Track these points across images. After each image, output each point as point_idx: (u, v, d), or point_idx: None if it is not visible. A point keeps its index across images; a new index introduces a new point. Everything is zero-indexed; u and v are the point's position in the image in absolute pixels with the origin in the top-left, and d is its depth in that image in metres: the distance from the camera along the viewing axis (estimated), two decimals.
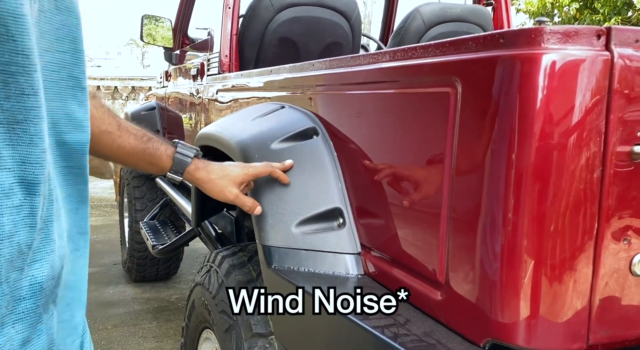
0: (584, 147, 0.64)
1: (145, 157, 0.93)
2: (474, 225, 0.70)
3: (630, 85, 0.64)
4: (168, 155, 0.95)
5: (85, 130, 0.57)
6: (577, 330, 0.66)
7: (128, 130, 0.89)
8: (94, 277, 3.66)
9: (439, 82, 0.77)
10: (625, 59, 0.64)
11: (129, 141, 0.89)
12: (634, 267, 0.68)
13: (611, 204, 0.65)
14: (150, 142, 0.94)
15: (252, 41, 2.09)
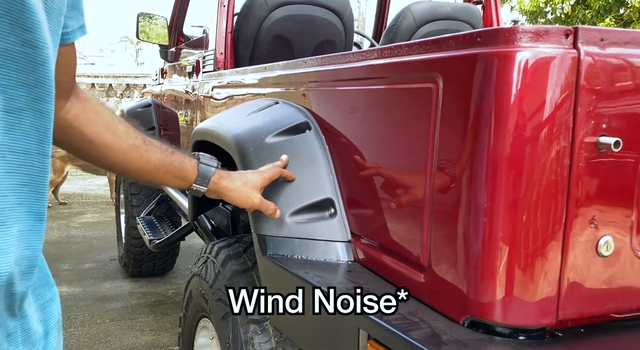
0: (554, 138, 0.69)
1: (171, 170, 0.93)
2: (454, 213, 0.76)
3: (595, 80, 0.69)
4: (192, 166, 0.96)
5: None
6: (548, 307, 0.72)
7: (153, 144, 0.90)
8: (91, 273, 3.70)
9: (422, 78, 0.82)
10: (591, 56, 0.69)
11: (155, 155, 0.89)
12: (599, 248, 0.73)
13: (579, 191, 0.71)
14: (175, 155, 0.94)
15: (246, 39, 2.13)
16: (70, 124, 0.80)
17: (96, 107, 0.83)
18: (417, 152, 0.83)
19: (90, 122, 0.82)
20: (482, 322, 0.73)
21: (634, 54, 0.71)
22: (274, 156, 1.09)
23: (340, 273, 0.97)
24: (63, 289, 3.39)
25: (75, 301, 3.19)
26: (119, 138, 0.85)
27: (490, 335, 0.72)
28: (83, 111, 0.81)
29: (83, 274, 3.68)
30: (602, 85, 0.70)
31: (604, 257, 0.74)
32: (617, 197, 0.73)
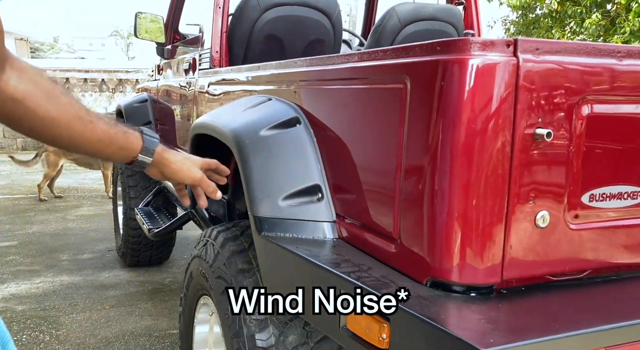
0: (499, 130, 0.85)
1: (115, 141, 0.91)
2: (419, 194, 0.91)
3: (532, 82, 0.85)
4: (137, 137, 0.95)
5: None
6: (494, 269, 0.87)
7: (96, 115, 0.88)
8: (90, 263, 3.83)
9: (394, 79, 0.97)
10: (528, 62, 0.84)
11: (100, 125, 0.88)
12: (537, 221, 0.88)
13: (519, 174, 0.86)
14: (119, 126, 0.93)
15: (240, 38, 2.26)
16: (10, 97, 0.77)
17: (35, 77, 0.80)
18: (390, 143, 0.98)
19: (32, 94, 0.78)
20: (441, 282, 0.88)
21: (563, 61, 0.86)
22: (269, 147, 1.24)
23: (327, 248, 1.12)
24: (63, 277, 3.52)
25: (76, 289, 3.32)
26: (63, 109, 0.82)
27: (447, 292, 0.88)
28: (21, 82, 0.77)
29: (82, 264, 3.80)
30: (537, 86, 0.85)
31: (541, 228, 0.89)
32: (551, 178, 0.88)
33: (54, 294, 3.25)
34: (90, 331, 2.75)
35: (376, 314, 0.85)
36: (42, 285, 3.39)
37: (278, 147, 1.24)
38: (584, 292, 0.92)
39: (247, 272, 1.35)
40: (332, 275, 0.95)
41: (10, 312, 2.96)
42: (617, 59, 0.90)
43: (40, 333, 2.72)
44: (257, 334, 1.26)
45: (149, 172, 1.01)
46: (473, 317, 0.80)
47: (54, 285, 3.38)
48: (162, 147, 0.99)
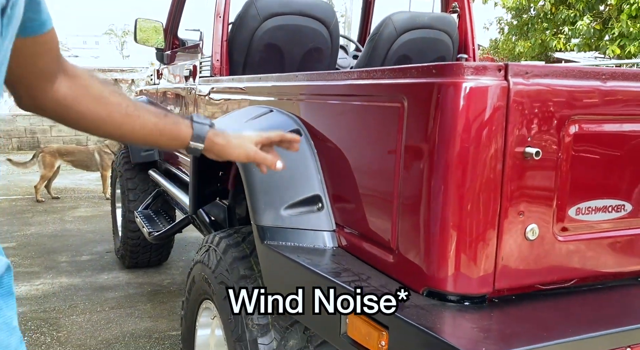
0: (490, 148, 0.90)
1: (166, 133, 0.94)
2: (416, 208, 0.96)
3: (521, 104, 0.90)
4: (187, 125, 0.97)
5: None
6: (486, 280, 0.93)
7: (146, 109, 0.92)
8: (89, 264, 3.87)
9: (392, 98, 1.02)
10: (518, 85, 0.90)
11: (149, 119, 0.91)
12: (527, 234, 0.94)
13: (510, 190, 0.92)
14: (168, 117, 0.95)
15: (240, 46, 2.31)
16: (62, 103, 0.83)
17: (86, 82, 0.85)
18: (388, 158, 1.03)
19: (82, 99, 0.84)
20: (437, 292, 0.94)
21: (551, 83, 0.92)
22: None
23: (327, 256, 1.17)
24: (63, 279, 3.55)
25: (76, 291, 3.36)
26: (111, 110, 0.87)
27: (443, 301, 0.93)
28: (73, 88, 0.83)
29: (81, 266, 3.84)
30: (527, 107, 0.90)
31: (530, 241, 0.95)
32: (540, 193, 0.94)
33: (53, 295, 3.28)
34: (91, 333, 2.79)
35: (376, 314, 0.90)
36: (41, 286, 3.43)
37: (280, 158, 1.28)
38: (572, 300, 0.97)
39: (249, 278, 1.40)
40: (329, 282, 1.00)
41: None
42: (601, 81, 0.95)
43: (41, 335, 2.76)
44: (259, 338, 1.31)
45: (207, 155, 1.03)
46: (467, 326, 0.85)
47: (54, 287, 3.42)
48: (213, 132, 0.99)
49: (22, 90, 0.81)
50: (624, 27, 9.65)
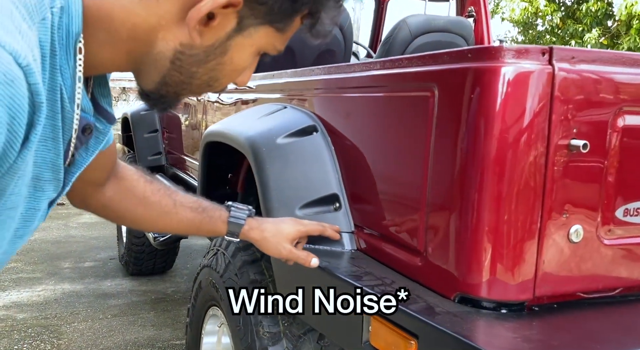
0: (532, 141, 0.82)
1: (203, 228, 0.98)
2: (447, 206, 0.88)
3: (567, 92, 0.82)
4: (223, 221, 0.99)
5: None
6: (526, 285, 0.84)
7: (184, 205, 0.95)
8: (92, 271, 3.78)
9: (420, 87, 0.94)
10: (564, 71, 0.81)
11: (186, 215, 0.95)
12: (570, 236, 0.85)
13: (553, 187, 0.83)
14: (205, 212, 0.98)
15: None
16: (106, 205, 0.88)
17: (131, 184, 0.91)
18: (415, 152, 0.95)
19: (124, 201, 0.90)
20: (470, 298, 0.85)
21: (599, 70, 0.84)
22: (286, 155, 1.21)
23: (346, 259, 1.08)
24: (65, 285, 3.47)
25: (78, 298, 3.27)
26: (150, 209, 0.92)
27: (477, 308, 0.84)
28: (118, 191, 0.89)
29: (84, 272, 3.76)
30: (573, 96, 0.82)
31: (574, 243, 0.86)
32: (585, 191, 0.85)
33: (55, 302, 3.20)
34: (92, 341, 2.70)
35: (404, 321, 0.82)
36: (43, 293, 3.34)
37: (295, 155, 1.21)
38: (619, 310, 0.88)
39: (260, 282, 1.31)
40: (353, 288, 0.92)
41: (11, 320, 2.91)
42: None
43: (41, 342, 2.67)
44: (270, 347, 1.23)
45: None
46: (507, 335, 0.76)
47: (56, 294, 3.33)
48: (249, 227, 1.01)
49: (75, 195, 0.85)
50: (631, 42, 9.58)
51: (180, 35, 0.60)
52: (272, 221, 1.06)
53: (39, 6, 0.49)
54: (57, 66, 0.53)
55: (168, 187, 0.96)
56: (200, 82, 0.64)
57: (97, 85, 0.67)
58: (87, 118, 0.62)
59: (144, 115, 3.38)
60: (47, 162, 0.56)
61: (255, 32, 0.62)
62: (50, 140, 0.55)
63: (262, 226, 1.03)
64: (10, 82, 0.41)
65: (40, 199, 0.58)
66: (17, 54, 0.42)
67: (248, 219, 1.01)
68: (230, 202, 1.03)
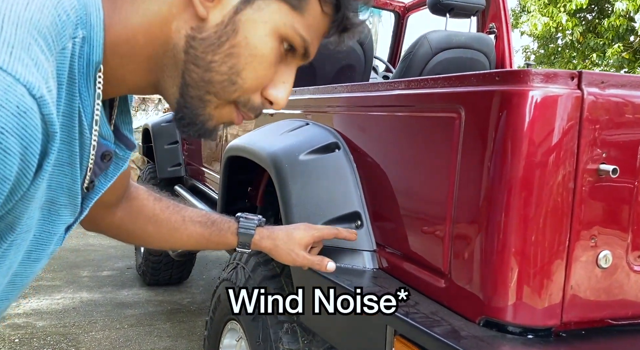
0: (560, 165, 0.81)
1: (213, 240, 0.98)
2: (473, 228, 0.87)
3: (596, 116, 0.81)
4: (232, 232, 0.98)
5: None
6: (553, 311, 0.82)
7: (192, 220, 0.95)
8: (109, 280, 3.82)
9: (447, 108, 0.94)
10: (593, 95, 0.81)
11: (195, 230, 0.95)
12: (599, 261, 0.84)
13: (581, 212, 0.82)
14: (215, 225, 0.97)
15: None
16: (117, 225, 0.89)
17: (142, 203, 0.91)
18: (441, 173, 0.94)
19: (134, 221, 0.90)
20: (495, 322, 0.84)
21: (630, 94, 0.83)
22: (308, 172, 1.21)
23: (367, 278, 1.08)
24: (83, 294, 3.51)
25: (96, 306, 3.30)
26: (159, 227, 0.93)
27: (503, 333, 0.83)
28: (129, 212, 0.89)
29: (102, 281, 3.79)
30: (602, 120, 0.82)
31: (603, 269, 0.85)
32: (615, 217, 0.84)
33: (73, 310, 3.23)
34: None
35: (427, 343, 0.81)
36: (62, 301, 3.38)
37: (317, 172, 1.21)
38: None
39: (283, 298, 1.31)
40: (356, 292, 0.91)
41: (31, 328, 2.95)
42: None
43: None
44: None
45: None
46: None
47: (74, 302, 3.37)
48: (259, 236, 1.00)
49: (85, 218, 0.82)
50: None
51: (190, 20, 0.57)
52: (283, 228, 1.03)
53: (59, 37, 0.49)
54: (76, 93, 0.53)
55: (176, 204, 0.96)
56: (221, 78, 0.59)
57: (120, 112, 0.67)
58: (108, 145, 0.62)
59: (164, 127, 3.42)
60: (63, 186, 0.57)
61: (265, 5, 0.58)
62: (67, 166, 0.55)
63: (274, 234, 1.01)
64: (23, 113, 0.42)
65: (56, 223, 0.59)
66: (32, 86, 0.43)
67: (258, 229, 1.00)
68: (240, 214, 1.01)
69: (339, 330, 1.08)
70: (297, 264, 1.02)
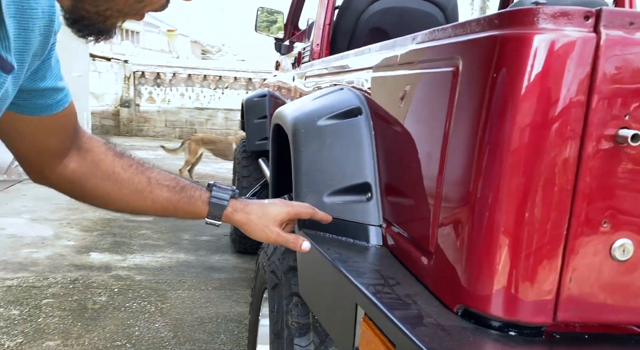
0: (564, 129, 0.65)
1: (181, 207, 0.90)
2: (459, 200, 0.74)
3: (616, 67, 0.63)
4: (203, 201, 0.91)
5: None
6: (544, 305, 0.67)
7: (159, 183, 0.87)
8: (206, 245, 4.08)
9: (445, 62, 0.81)
10: (613, 40, 0.63)
11: (161, 194, 0.87)
12: (613, 251, 0.67)
13: (588, 187, 0.65)
14: (184, 191, 0.89)
15: (344, 31, 2.19)
16: (69, 179, 0.81)
17: (97, 157, 0.83)
18: (435, 139, 0.82)
19: (90, 175, 0.82)
20: (473, 312, 0.71)
21: None
22: (323, 138, 1.14)
23: (362, 254, 0.99)
24: (180, 255, 3.79)
25: (188, 267, 3.55)
26: (120, 186, 0.84)
27: (480, 326, 0.70)
28: (82, 164, 0.81)
29: (199, 245, 4.07)
30: (626, 74, 0.64)
31: (619, 262, 0.67)
32: (637, 195, 0.66)
33: (168, 269, 3.51)
34: (190, 309, 2.90)
35: (389, 328, 0.72)
36: (161, 259, 3.69)
37: (332, 139, 1.13)
38: None
39: (297, 270, 1.27)
40: (350, 285, 0.83)
41: (129, 281, 3.26)
42: None
43: (148, 303, 2.95)
44: (296, 339, 1.18)
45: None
46: None
47: (171, 261, 3.66)
48: (232, 209, 0.93)
49: (30, 167, 0.80)
50: None
51: None
52: (257, 203, 0.96)
53: None
54: None
55: (142, 163, 0.87)
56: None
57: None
58: None
59: (256, 102, 3.52)
60: None
61: None
62: None
63: (247, 208, 0.94)
64: None
65: None
66: None
67: (232, 201, 0.92)
68: (213, 182, 0.94)
69: (322, 305, 1.01)
70: (271, 241, 0.96)
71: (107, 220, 4.55)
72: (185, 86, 11.56)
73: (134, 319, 2.74)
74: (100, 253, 3.75)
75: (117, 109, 11.44)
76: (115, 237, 4.15)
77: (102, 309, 2.83)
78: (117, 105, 11.43)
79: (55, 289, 3.07)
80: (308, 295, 1.11)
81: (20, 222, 4.41)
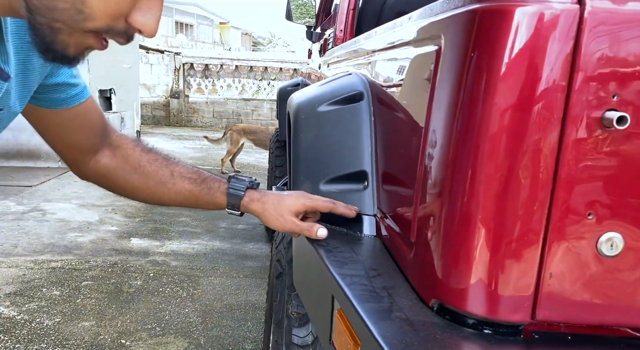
0: (545, 111, 0.59)
1: (202, 198, 0.95)
2: (435, 185, 0.70)
3: (602, 43, 0.57)
4: (222, 192, 0.95)
5: None
6: (521, 302, 0.62)
7: (182, 175, 0.94)
8: (241, 233, 4.14)
9: (430, 40, 0.76)
10: (598, 12, 0.57)
11: (184, 186, 0.93)
12: (600, 246, 0.60)
13: (570, 172, 0.59)
14: (205, 183, 0.95)
15: (369, 16, 2.14)
16: (101, 173, 0.90)
17: (126, 152, 0.91)
18: (418, 123, 0.77)
19: (119, 169, 0.90)
20: (448, 308, 0.67)
21: None
22: (322, 124, 1.11)
23: (349, 244, 0.95)
24: (216, 243, 3.86)
25: (222, 255, 3.61)
26: (146, 178, 0.92)
27: (453, 323, 0.66)
28: (112, 159, 0.90)
29: (235, 233, 4.13)
30: (613, 51, 0.57)
31: (606, 257, 0.61)
32: (626, 185, 0.59)
33: (203, 256, 3.58)
34: (220, 296, 2.95)
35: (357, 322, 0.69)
36: (197, 246, 3.77)
37: (332, 125, 1.10)
38: None
39: None
40: (329, 275, 0.80)
41: (165, 266, 3.36)
42: None
43: (180, 289, 3.02)
44: (294, 329, 1.16)
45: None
46: None
47: (206, 248, 3.73)
48: (249, 199, 0.96)
49: (67, 161, 0.89)
50: None
51: None
52: (275, 194, 0.98)
53: None
54: None
55: (166, 157, 0.94)
56: (64, 6, 0.52)
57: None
58: None
59: (289, 91, 3.50)
60: None
61: None
62: None
63: (264, 198, 0.96)
64: None
65: None
66: None
67: (248, 191, 0.96)
68: (233, 174, 0.97)
69: (309, 296, 0.98)
70: (286, 229, 0.96)
71: (149, 208, 4.70)
72: (232, 77, 11.75)
73: (166, 303, 2.81)
74: (140, 239, 3.88)
75: (168, 100, 11.79)
76: (156, 224, 4.28)
77: (136, 293, 2.93)
78: (167, 96, 11.78)
79: (95, 272, 3.21)
80: (299, 286, 1.09)
81: (69, 207, 4.63)
